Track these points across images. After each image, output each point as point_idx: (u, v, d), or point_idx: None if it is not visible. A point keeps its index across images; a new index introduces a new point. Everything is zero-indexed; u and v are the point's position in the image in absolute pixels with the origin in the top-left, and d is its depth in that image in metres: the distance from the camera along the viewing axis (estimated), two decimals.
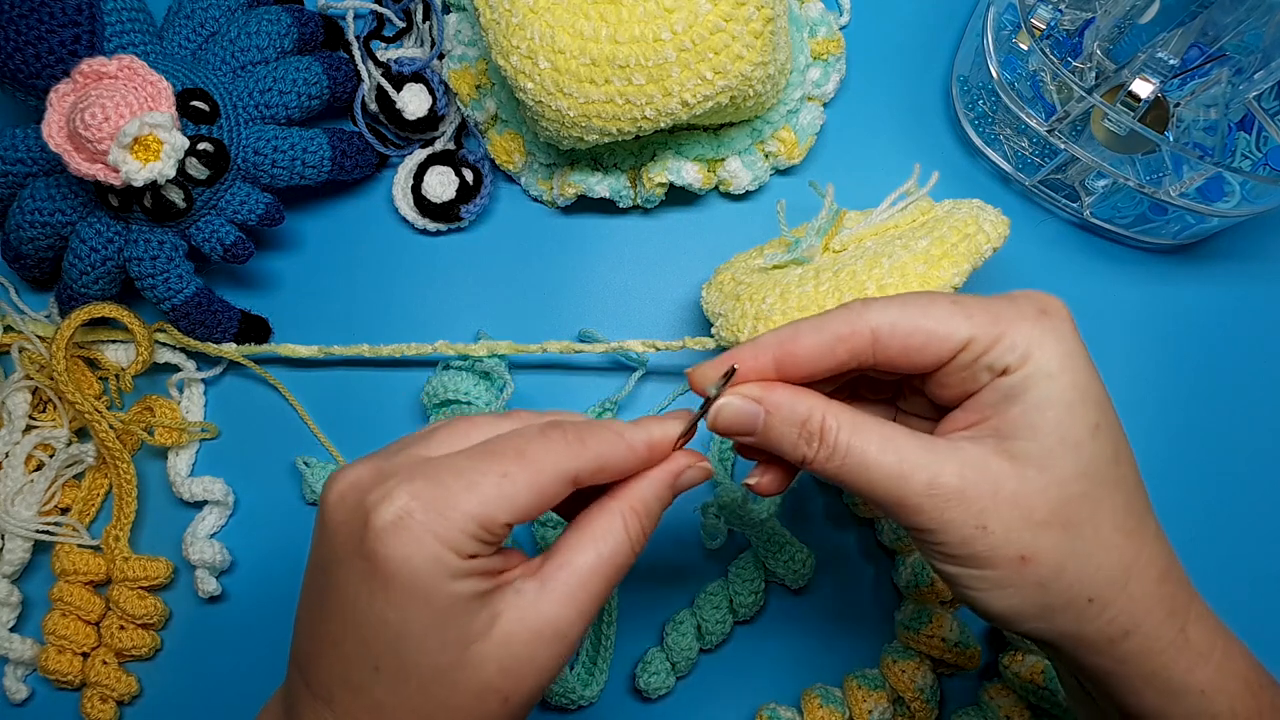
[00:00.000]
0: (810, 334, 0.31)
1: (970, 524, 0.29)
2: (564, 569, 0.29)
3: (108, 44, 0.45)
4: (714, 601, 0.46)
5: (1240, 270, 0.52)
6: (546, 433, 0.30)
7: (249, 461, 0.50)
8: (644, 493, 0.31)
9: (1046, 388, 0.29)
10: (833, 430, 0.30)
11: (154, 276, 0.46)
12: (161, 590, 0.49)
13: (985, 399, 0.30)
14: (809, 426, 0.30)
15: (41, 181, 0.46)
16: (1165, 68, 0.48)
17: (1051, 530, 0.29)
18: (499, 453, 0.29)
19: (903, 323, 0.30)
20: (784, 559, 0.46)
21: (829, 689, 0.46)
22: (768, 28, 0.42)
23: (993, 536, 0.29)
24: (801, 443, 0.31)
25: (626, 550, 0.30)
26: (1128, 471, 0.30)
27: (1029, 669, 0.44)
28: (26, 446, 0.49)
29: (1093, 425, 0.29)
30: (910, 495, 0.29)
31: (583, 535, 0.30)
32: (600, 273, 0.51)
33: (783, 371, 0.31)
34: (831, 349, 0.30)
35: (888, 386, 0.35)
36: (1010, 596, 0.30)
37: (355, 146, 0.50)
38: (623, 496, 0.31)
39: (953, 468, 0.29)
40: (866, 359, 0.30)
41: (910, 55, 0.54)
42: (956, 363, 0.30)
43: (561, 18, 0.42)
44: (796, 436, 0.31)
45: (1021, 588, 0.29)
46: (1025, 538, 0.29)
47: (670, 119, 0.43)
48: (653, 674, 0.46)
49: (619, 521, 0.30)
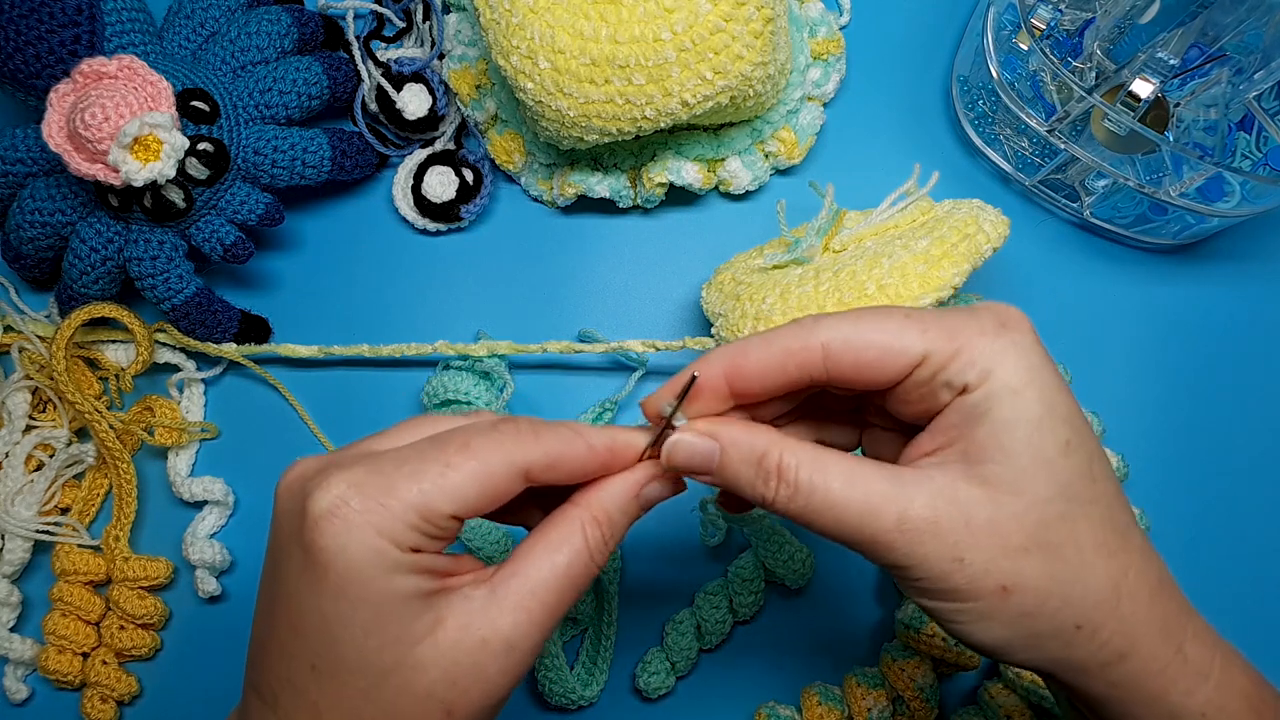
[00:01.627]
0: (759, 350, 0.29)
1: (946, 557, 0.27)
2: (516, 577, 0.28)
3: (108, 44, 0.45)
4: (714, 601, 0.46)
5: (1240, 270, 0.52)
6: (497, 425, 0.29)
7: (249, 461, 0.50)
8: (605, 501, 0.30)
9: (1011, 405, 0.27)
10: (791, 468, 0.28)
11: (154, 276, 0.46)
12: (161, 590, 0.49)
13: (949, 420, 0.28)
14: (766, 464, 0.29)
15: (41, 181, 0.46)
16: (1165, 68, 0.48)
17: (1031, 557, 0.27)
18: (444, 444, 0.28)
19: (854, 338, 0.28)
20: (784, 558, 0.46)
21: (828, 687, 0.46)
22: (768, 28, 0.42)
23: (970, 568, 0.27)
24: (759, 481, 0.29)
25: (585, 560, 0.29)
26: (1105, 487, 0.29)
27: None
28: (26, 446, 0.49)
29: (1064, 442, 0.28)
30: (881, 533, 0.27)
31: (538, 543, 0.29)
32: (600, 273, 0.51)
33: (735, 389, 0.30)
34: (781, 365, 0.29)
35: (852, 402, 0.33)
36: (995, 629, 0.28)
37: (355, 146, 0.50)
38: (583, 504, 0.30)
39: (923, 499, 0.27)
40: (820, 375, 0.29)
41: (910, 55, 0.54)
42: (914, 380, 0.28)
43: (561, 18, 0.42)
44: (754, 475, 0.29)
45: (1006, 619, 0.28)
46: (1005, 567, 0.27)
47: (670, 119, 0.43)
48: (653, 674, 0.46)
49: (577, 529, 0.29)
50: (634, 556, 0.49)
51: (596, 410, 0.49)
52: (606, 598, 0.47)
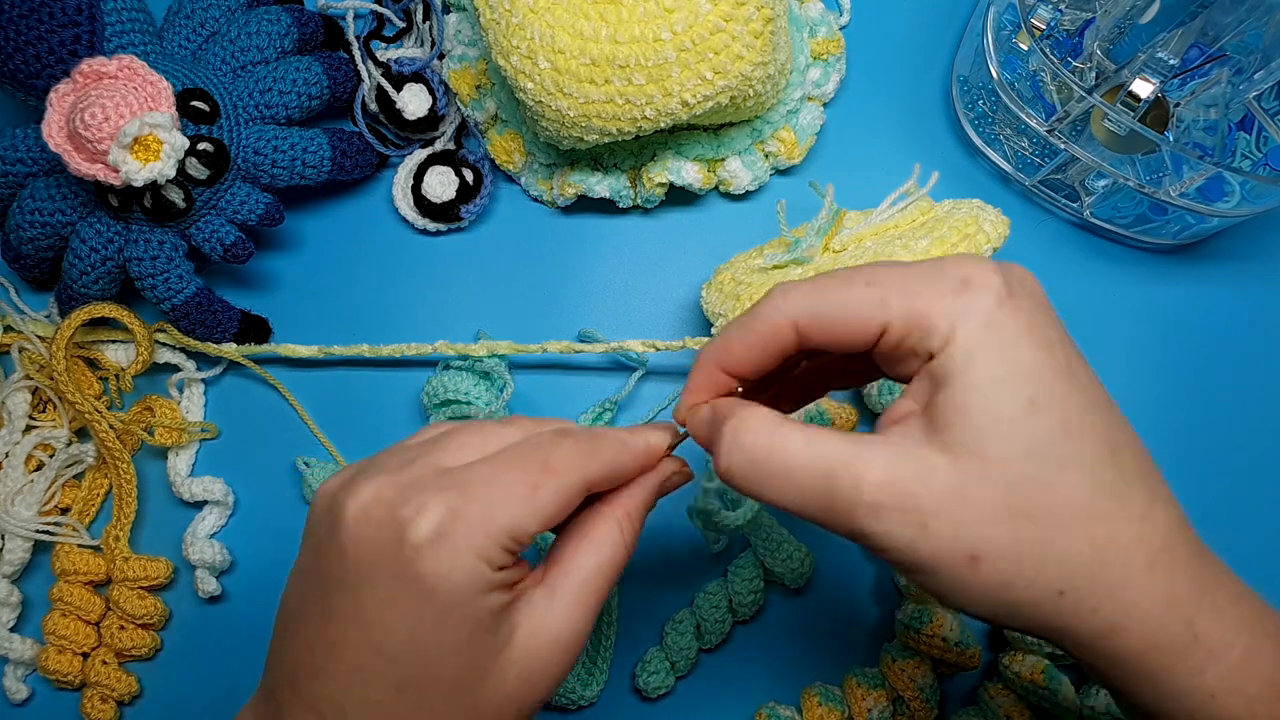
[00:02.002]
0: (738, 337, 0.30)
1: (910, 524, 0.26)
2: (569, 576, 0.30)
3: (108, 44, 0.45)
4: (713, 601, 0.46)
5: (1240, 270, 0.52)
6: (561, 443, 0.30)
7: (249, 461, 0.50)
8: (636, 499, 0.32)
9: (968, 368, 0.26)
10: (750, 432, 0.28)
11: (154, 276, 0.46)
12: (161, 590, 0.49)
13: (917, 386, 0.28)
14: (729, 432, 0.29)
15: (41, 181, 0.46)
16: (1165, 68, 0.48)
17: (1000, 524, 0.26)
18: (524, 463, 0.29)
19: (818, 310, 0.28)
20: (782, 557, 0.46)
21: (828, 688, 0.46)
22: (768, 28, 0.42)
23: (935, 537, 0.26)
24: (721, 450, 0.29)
25: (623, 554, 0.31)
26: (1087, 446, 0.27)
27: (1029, 669, 0.44)
28: (26, 446, 0.49)
29: (1026, 401, 0.26)
30: (840, 498, 0.27)
31: (583, 542, 0.31)
32: (600, 273, 0.51)
33: (733, 374, 0.31)
34: (763, 346, 0.30)
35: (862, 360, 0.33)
36: (975, 598, 0.27)
37: (355, 146, 0.50)
38: (617, 503, 0.32)
39: (881, 462, 0.26)
40: (801, 347, 0.29)
41: (910, 55, 0.54)
42: (881, 347, 0.28)
43: (561, 18, 0.42)
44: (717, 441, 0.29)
45: (982, 589, 0.26)
46: (972, 533, 0.26)
47: (670, 119, 0.43)
48: (652, 673, 0.46)
49: (615, 527, 0.31)
50: (634, 556, 0.49)
51: (596, 410, 0.49)
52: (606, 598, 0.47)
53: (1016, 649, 0.45)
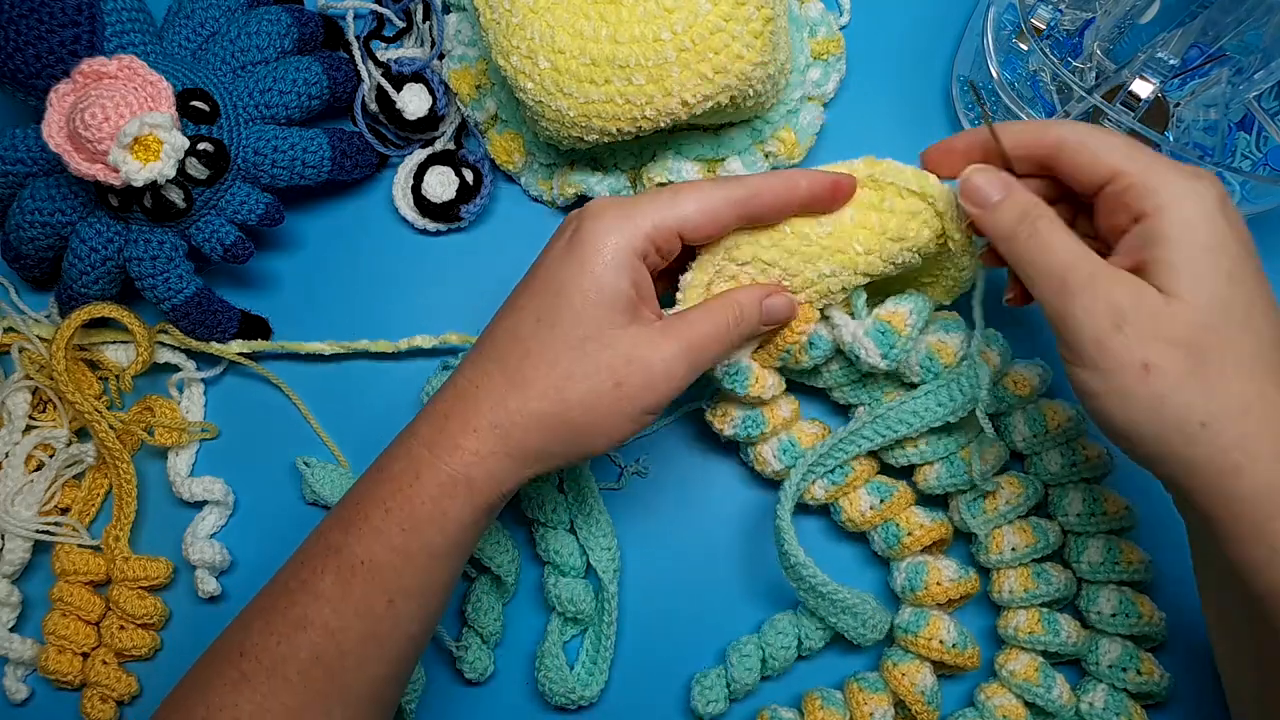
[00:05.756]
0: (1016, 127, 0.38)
1: (1109, 318, 0.33)
2: (682, 321, 0.39)
3: (108, 44, 0.45)
4: (784, 640, 0.46)
5: None
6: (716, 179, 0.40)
7: (249, 461, 0.50)
8: (746, 297, 0.40)
9: (1180, 234, 0.33)
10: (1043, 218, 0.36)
11: (154, 276, 0.46)
12: (161, 590, 0.49)
13: (1129, 243, 0.35)
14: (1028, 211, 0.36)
15: (41, 181, 0.46)
16: (1165, 68, 0.48)
17: (1178, 350, 0.32)
18: (672, 188, 0.39)
19: (1075, 137, 0.36)
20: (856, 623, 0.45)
21: (830, 691, 0.46)
22: (768, 28, 0.42)
23: (1124, 337, 0.32)
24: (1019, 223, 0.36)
25: (726, 329, 0.39)
26: (1262, 325, 0.33)
27: (1024, 667, 0.44)
28: (26, 446, 0.49)
29: (1225, 272, 0.33)
30: (1072, 278, 0.34)
31: (699, 309, 0.40)
32: None
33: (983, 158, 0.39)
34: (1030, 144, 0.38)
35: None
36: (1130, 408, 0.33)
37: (355, 146, 0.50)
38: (730, 296, 0.40)
39: (1111, 270, 0.34)
40: (1051, 164, 0.37)
41: (910, 55, 0.54)
42: (1106, 193, 0.35)
43: (561, 18, 0.42)
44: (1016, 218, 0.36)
45: (1141, 400, 0.32)
46: (1153, 347, 0.32)
47: (670, 119, 0.43)
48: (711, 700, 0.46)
49: (729, 305, 0.40)
50: (634, 556, 0.49)
51: None
52: (606, 597, 0.47)
53: (1011, 647, 0.45)
